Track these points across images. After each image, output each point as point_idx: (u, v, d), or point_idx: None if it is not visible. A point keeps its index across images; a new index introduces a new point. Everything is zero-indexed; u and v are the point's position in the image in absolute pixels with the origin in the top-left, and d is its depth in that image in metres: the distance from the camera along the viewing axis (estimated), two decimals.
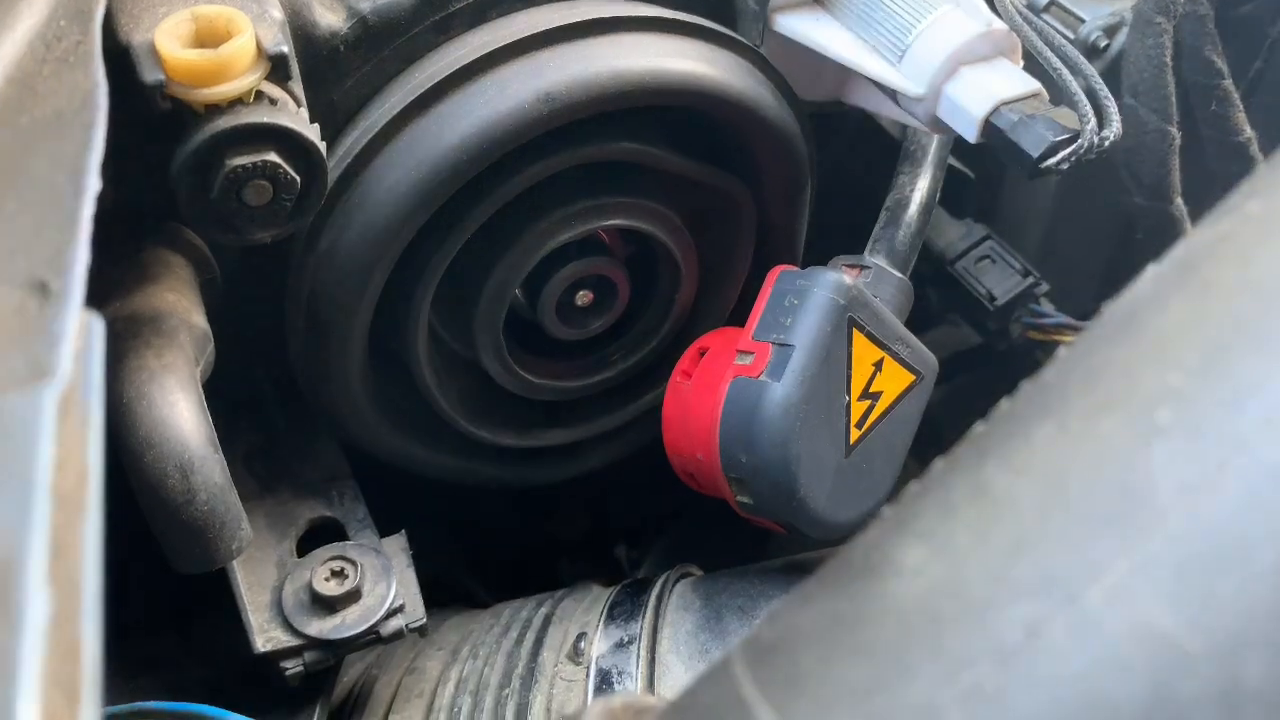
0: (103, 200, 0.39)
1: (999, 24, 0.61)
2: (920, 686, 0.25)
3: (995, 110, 0.59)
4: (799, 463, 0.60)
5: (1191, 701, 0.24)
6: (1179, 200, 0.78)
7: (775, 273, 0.66)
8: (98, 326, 0.33)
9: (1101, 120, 0.64)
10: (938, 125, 0.63)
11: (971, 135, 0.60)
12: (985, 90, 0.60)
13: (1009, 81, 0.60)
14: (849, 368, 0.62)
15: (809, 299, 0.62)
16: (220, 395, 0.56)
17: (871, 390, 0.63)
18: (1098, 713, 0.24)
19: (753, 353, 0.63)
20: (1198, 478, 0.26)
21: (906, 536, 0.29)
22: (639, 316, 0.76)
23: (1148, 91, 0.75)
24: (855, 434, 0.63)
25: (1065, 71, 0.68)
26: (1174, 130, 0.76)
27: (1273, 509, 0.25)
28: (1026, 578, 0.26)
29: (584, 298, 0.71)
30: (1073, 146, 0.63)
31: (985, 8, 0.62)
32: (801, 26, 0.64)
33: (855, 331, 0.62)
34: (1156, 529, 0.26)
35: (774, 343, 0.62)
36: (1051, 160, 0.66)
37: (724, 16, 0.67)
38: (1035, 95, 0.60)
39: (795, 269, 0.66)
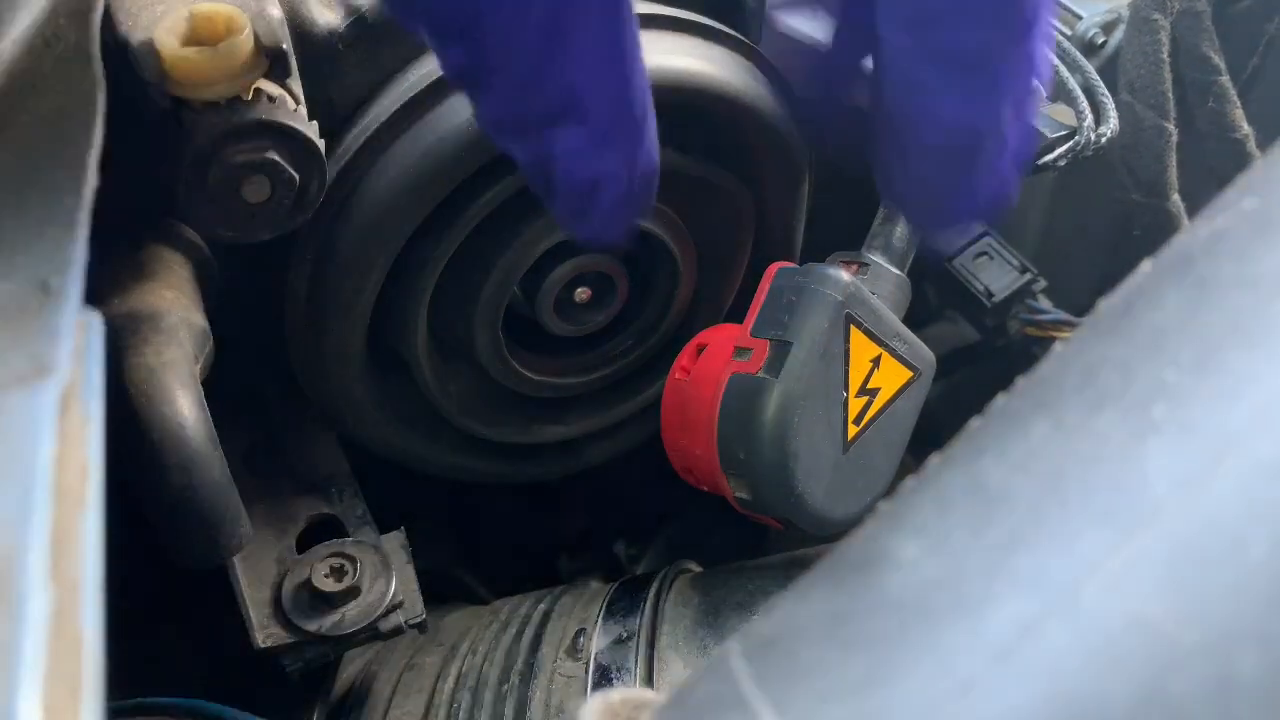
0: (102, 198, 0.39)
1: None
2: (916, 680, 0.25)
3: None
4: (796, 459, 0.60)
5: (1185, 695, 0.24)
6: (1176, 197, 0.78)
7: (773, 269, 0.66)
8: (97, 324, 0.34)
9: (1099, 117, 0.65)
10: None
11: None
12: None
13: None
14: (847, 364, 0.62)
15: (807, 296, 0.62)
16: (220, 392, 0.56)
17: (869, 386, 0.63)
18: (1091, 706, 0.24)
19: (751, 349, 0.63)
20: (1192, 473, 0.26)
21: (902, 531, 0.29)
22: (637, 313, 0.76)
23: (1145, 88, 0.76)
24: (853, 430, 0.63)
25: (1063, 68, 0.68)
26: (1171, 127, 0.76)
27: (1266, 504, 0.26)
28: (1021, 572, 0.26)
29: (582, 294, 0.71)
30: (1070, 143, 0.64)
31: None
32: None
33: (853, 328, 0.62)
34: (1151, 524, 0.26)
35: (772, 339, 0.62)
36: (1049, 157, 0.67)
37: (725, 12, 0.67)
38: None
39: (793, 265, 0.66)
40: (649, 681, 0.61)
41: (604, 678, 0.62)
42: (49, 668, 0.24)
